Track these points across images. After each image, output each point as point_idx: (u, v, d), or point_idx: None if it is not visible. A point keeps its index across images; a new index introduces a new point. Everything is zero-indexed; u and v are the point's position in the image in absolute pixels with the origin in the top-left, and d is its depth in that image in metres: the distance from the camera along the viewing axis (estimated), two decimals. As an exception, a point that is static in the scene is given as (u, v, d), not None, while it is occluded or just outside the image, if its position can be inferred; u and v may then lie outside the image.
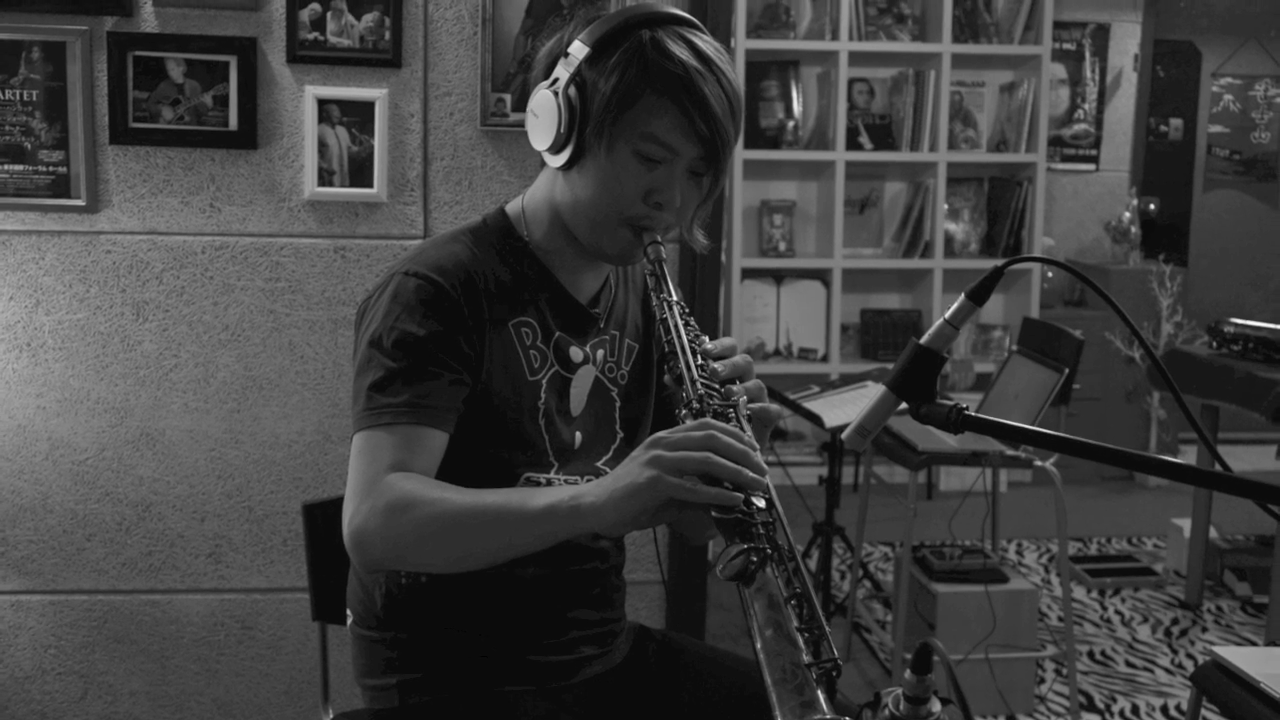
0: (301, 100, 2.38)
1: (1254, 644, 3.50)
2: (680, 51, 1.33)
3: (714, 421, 1.17)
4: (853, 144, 4.85)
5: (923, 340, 1.18)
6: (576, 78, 1.35)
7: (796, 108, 4.87)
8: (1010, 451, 2.97)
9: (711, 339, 1.34)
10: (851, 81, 4.84)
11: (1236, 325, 3.54)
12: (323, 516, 1.73)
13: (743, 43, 4.65)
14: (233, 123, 2.36)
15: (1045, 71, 4.87)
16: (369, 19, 2.37)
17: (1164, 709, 3.10)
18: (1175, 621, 3.69)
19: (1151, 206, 5.55)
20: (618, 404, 1.51)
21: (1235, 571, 3.91)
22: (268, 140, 2.40)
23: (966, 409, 1.15)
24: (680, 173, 1.35)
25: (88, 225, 2.39)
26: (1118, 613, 3.76)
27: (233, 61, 2.35)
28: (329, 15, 2.36)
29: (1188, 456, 5.30)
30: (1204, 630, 3.63)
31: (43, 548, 2.47)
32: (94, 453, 2.45)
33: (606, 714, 1.49)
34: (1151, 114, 5.76)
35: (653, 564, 2.51)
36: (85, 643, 2.50)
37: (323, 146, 2.39)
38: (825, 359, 4.94)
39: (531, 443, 1.41)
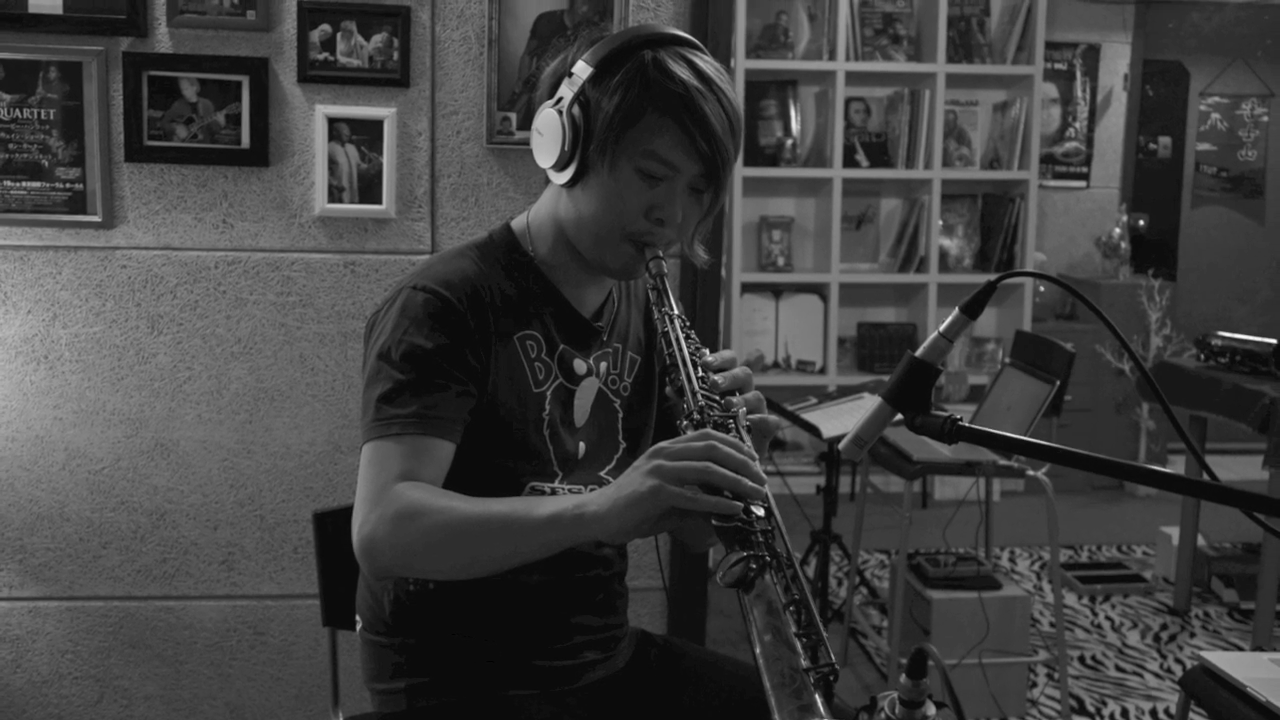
0: (312, 119, 2.41)
1: (1241, 649, 3.53)
2: (681, 71, 1.34)
3: (714, 432, 1.19)
4: (849, 161, 4.88)
5: (918, 353, 1.20)
6: (580, 97, 1.36)
7: (795, 126, 4.91)
8: (1003, 461, 2.99)
9: (712, 352, 1.35)
10: (848, 100, 4.87)
11: (1224, 338, 3.57)
12: (333, 525, 1.73)
13: (742, 63, 4.69)
14: (245, 141, 2.39)
15: (1037, 91, 4.90)
16: (378, 40, 2.40)
17: (1153, 712, 3.13)
18: (1164, 627, 3.72)
19: (1141, 222, 5.59)
20: (620, 415, 1.52)
21: (1223, 578, 3.94)
22: (279, 158, 2.42)
23: (960, 420, 1.17)
24: (681, 189, 1.37)
25: (103, 241, 2.41)
26: (1108, 618, 3.79)
27: (245, 81, 2.37)
28: (339, 36, 2.38)
29: (1176, 466, 5.34)
30: (1192, 636, 3.66)
31: (60, 555, 2.49)
32: (110, 462, 2.47)
33: (609, 717, 1.51)
34: (1141, 132, 5.80)
35: (654, 571, 2.52)
36: (101, 648, 2.52)
37: (333, 164, 2.42)
38: (823, 371, 4.97)
39: (536, 453, 1.43)
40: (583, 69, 1.37)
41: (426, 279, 1.40)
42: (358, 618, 1.54)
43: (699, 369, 1.32)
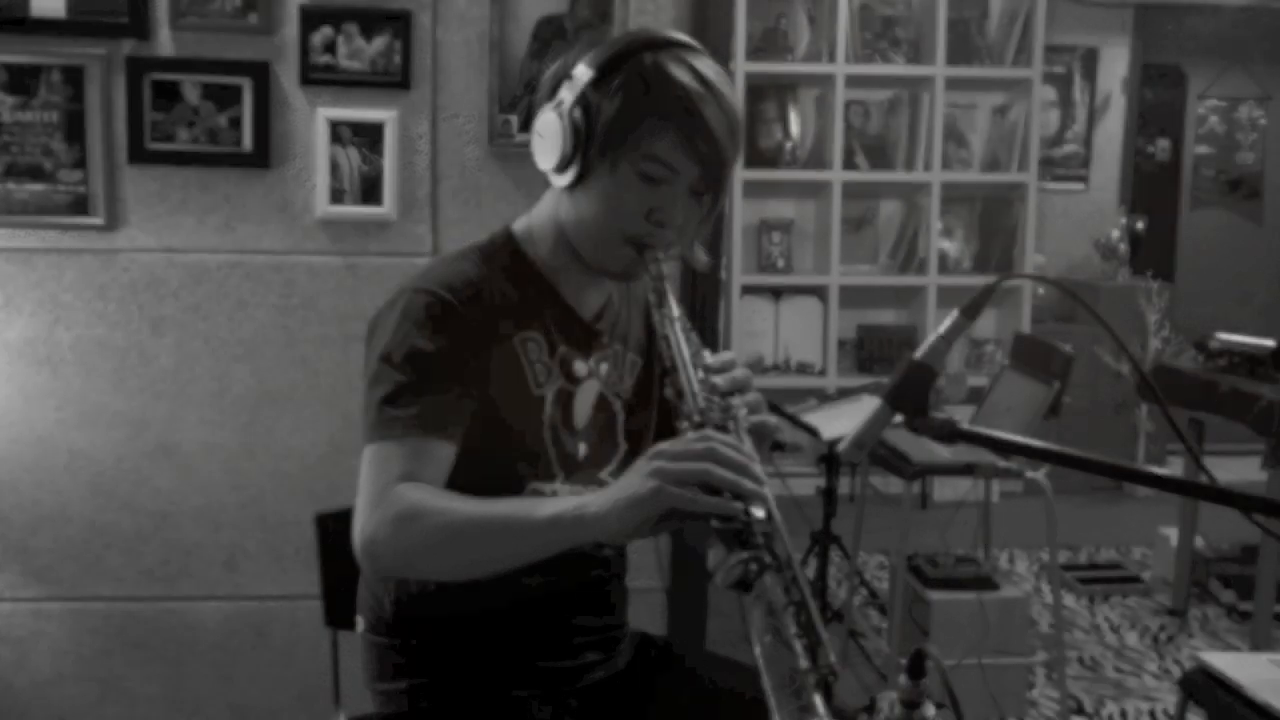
0: (314, 122, 2.41)
1: (1239, 650, 3.54)
2: (681, 74, 1.34)
3: (714, 433, 1.19)
4: (849, 164, 4.89)
5: (917, 355, 1.21)
6: (581, 99, 1.36)
7: (794, 129, 4.92)
8: (1002, 463, 2.99)
9: (712, 353, 1.36)
10: (848, 103, 4.88)
11: (1222, 340, 3.58)
12: (334, 526, 1.74)
13: (742, 65, 4.69)
14: (247, 144, 2.40)
15: (1036, 94, 4.92)
16: (379, 43, 2.41)
17: (1151, 713, 3.14)
18: (1163, 628, 3.74)
19: (1139, 225, 5.59)
20: (621, 416, 1.53)
21: (1221, 579, 3.95)
22: (281, 161, 2.43)
23: (960, 422, 1.18)
24: (681, 192, 1.37)
25: (106, 243, 2.42)
26: (1106, 619, 3.80)
27: (247, 84, 2.38)
28: (340, 39, 2.39)
29: (1175, 468, 5.32)
30: (1190, 636, 3.67)
31: (62, 556, 2.49)
32: (112, 464, 2.48)
33: (610, 718, 1.51)
34: (1139, 135, 5.81)
35: (654, 572, 2.48)
36: (104, 649, 2.53)
37: (334, 166, 2.42)
38: (823, 373, 4.98)
39: (537, 454, 1.43)
40: (583, 72, 1.37)
41: (428, 281, 1.40)
42: (359, 618, 1.55)
43: (699, 371, 1.32)
